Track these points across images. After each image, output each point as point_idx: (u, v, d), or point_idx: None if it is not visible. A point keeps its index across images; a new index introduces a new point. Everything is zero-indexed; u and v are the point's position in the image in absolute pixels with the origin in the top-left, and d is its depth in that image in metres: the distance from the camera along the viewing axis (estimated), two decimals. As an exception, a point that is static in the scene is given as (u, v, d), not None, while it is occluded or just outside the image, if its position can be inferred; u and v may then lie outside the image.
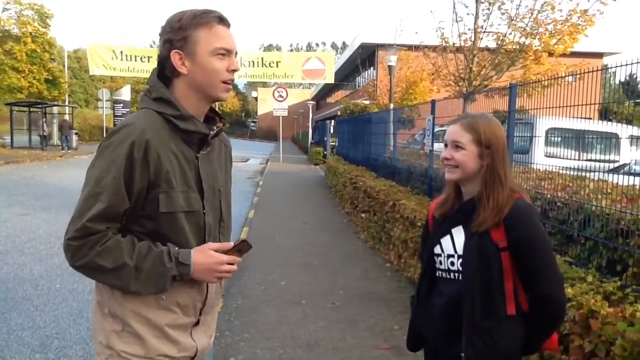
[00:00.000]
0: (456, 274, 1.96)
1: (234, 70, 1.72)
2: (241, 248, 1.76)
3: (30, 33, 30.94)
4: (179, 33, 1.66)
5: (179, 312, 1.73)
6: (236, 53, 1.74)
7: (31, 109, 30.70)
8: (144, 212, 1.65)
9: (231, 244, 1.76)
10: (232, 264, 1.73)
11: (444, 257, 2.00)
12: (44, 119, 30.59)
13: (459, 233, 1.98)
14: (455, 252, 1.96)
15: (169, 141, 1.66)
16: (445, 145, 2.01)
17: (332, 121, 28.79)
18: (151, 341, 1.68)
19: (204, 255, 1.68)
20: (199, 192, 1.73)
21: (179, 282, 1.68)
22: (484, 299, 1.87)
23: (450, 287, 1.98)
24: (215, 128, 1.79)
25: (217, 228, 1.82)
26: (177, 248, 1.66)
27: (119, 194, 1.58)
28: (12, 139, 29.13)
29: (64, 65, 35.37)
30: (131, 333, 1.68)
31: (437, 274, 2.05)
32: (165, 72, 1.72)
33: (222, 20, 1.70)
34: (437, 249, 2.03)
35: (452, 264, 1.97)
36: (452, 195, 2.06)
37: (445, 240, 2.01)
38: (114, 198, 1.57)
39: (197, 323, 1.80)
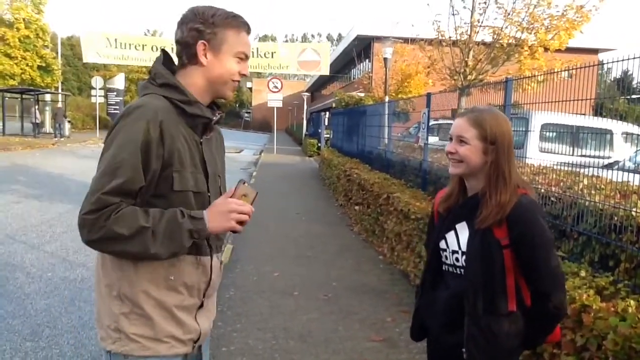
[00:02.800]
0: (461, 270, 1.97)
1: (244, 75, 1.86)
2: (246, 192, 1.75)
3: (24, 19, 30.68)
4: (210, 27, 1.76)
5: (185, 292, 1.78)
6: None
7: (23, 96, 30.48)
8: (156, 191, 1.69)
9: (232, 189, 1.76)
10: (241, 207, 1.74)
11: (449, 252, 2.01)
12: (37, 107, 30.38)
13: (463, 229, 1.97)
14: (460, 248, 1.97)
15: (177, 124, 1.73)
16: (450, 139, 2.00)
17: (327, 113, 28.72)
18: (160, 322, 1.73)
19: (213, 206, 1.73)
20: (204, 175, 1.81)
21: (186, 263, 1.74)
22: (486, 295, 1.87)
23: (456, 282, 1.99)
24: (217, 114, 1.87)
25: None
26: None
27: (136, 169, 1.62)
28: (3, 126, 28.92)
29: (57, 52, 35.06)
30: (140, 314, 1.72)
31: (444, 268, 2.06)
32: (182, 58, 1.81)
33: (249, 29, 1.86)
34: (442, 244, 2.04)
35: (457, 259, 1.98)
36: (457, 190, 2.05)
37: (450, 236, 2.01)
38: (130, 173, 1.61)
39: (201, 306, 1.85)
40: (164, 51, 1.86)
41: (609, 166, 5.35)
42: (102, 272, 1.77)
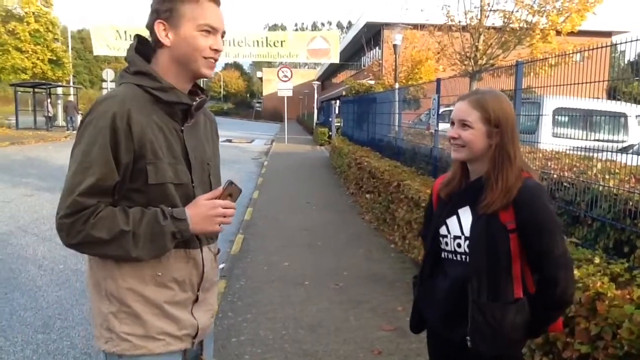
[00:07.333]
0: (463, 256, 1.91)
1: (217, 50, 1.70)
2: (232, 192, 1.72)
3: (33, 13, 30.76)
4: (165, 4, 1.65)
5: (176, 288, 1.72)
6: (224, 33, 1.73)
7: (35, 90, 30.67)
8: (133, 185, 1.62)
9: (220, 189, 1.73)
10: (227, 209, 1.71)
11: (450, 238, 1.95)
12: (49, 100, 30.60)
13: (466, 214, 1.91)
14: (462, 233, 1.91)
15: (151, 113, 1.64)
16: (452, 124, 1.93)
17: (337, 101, 28.61)
18: (150, 319, 1.67)
19: (197, 206, 1.67)
20: (187, 164, 1.71)
21: (175, 257, 1.68)
22: (491, 281, 1.82)
23: (456, 269, 1.93)
24: (197, 99, 1.75)
25: None
26: (169, 208, 1.64)
27: (108, 165, 1.55)
28: (17, 119, 29.20)
29: (67, 46, 35.19)
30: (128, 313, 1.66)
31: (443, 255, 1.99)
32: (149, 44, 1.73)
33: None
34: (442, 230, 1.97)
35: (459, 245, 1.92)
36: (459, 175, 1.99)
37: (452, 221, 1.95)
38: (103, 170, 1.55)
39: (196, 300, 1.79)
40: (138, 36, 1.77)
41: (624, 150, 5.25)
42: (90, 270, 1.73)
